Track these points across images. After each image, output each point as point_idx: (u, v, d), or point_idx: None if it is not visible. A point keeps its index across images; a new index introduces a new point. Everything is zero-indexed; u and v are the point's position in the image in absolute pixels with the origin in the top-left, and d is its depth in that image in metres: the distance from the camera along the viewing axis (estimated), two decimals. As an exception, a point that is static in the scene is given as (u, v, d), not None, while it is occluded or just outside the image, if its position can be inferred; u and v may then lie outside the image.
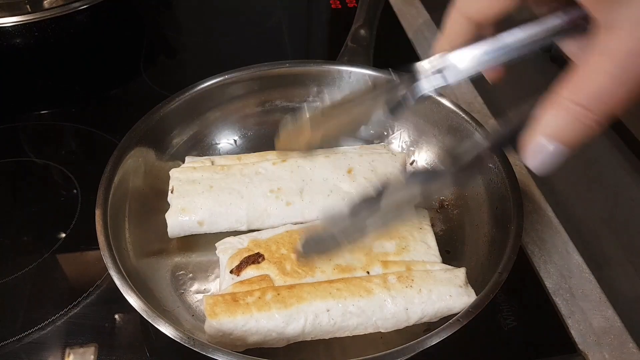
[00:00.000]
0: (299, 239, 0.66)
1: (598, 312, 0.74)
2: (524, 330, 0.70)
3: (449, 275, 0.64)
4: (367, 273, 0.65)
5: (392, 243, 0.68)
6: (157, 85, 1.06)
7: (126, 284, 0.60)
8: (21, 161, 0.92)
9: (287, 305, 0.60)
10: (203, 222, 0.72)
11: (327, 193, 0.74)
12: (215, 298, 0.61)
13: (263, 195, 0.73)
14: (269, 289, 0.62)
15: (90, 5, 0.98)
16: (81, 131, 0.97)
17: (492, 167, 0.75)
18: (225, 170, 0.76)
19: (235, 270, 0.66)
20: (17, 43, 0.97)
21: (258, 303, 0.60)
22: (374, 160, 0.78)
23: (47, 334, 0.69)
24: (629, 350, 0.70)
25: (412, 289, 0.62)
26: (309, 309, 0.60)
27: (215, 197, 0.73)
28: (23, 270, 0.75)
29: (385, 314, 0.62)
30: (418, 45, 1.20)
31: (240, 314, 0.59)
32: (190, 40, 1.23)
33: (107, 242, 0.64)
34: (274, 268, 0.65)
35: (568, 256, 0.80)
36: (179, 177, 0.75)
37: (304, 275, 0.64)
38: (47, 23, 0.95)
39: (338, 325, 0.61)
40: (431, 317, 0.63)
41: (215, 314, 0.59)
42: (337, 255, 0.66)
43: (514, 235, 0.65)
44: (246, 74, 0.86)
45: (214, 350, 0.54)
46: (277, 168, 0.76)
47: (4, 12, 0.94)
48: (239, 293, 0.62)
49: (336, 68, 0.88)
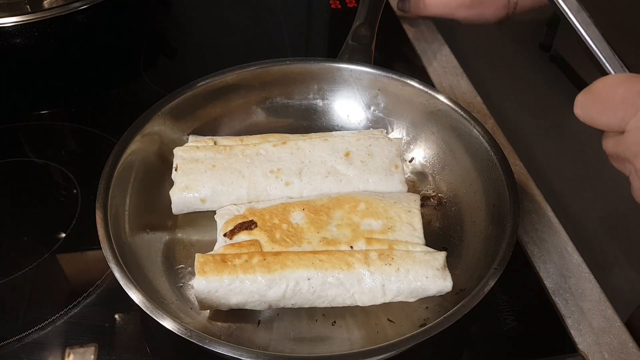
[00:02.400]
0: (291, 211, 0.71)
1: (598, 312, 0.74)
2: (524, 330, 0.70)
3: (429, 257, 0.66)
4: (351, 248, 0.68)
5: (379, 222, 0.70)
6: (157, 85, 1.06)
7: (125, 277, 0.61)
8: (21, 161, 0.92)
9: (270, 270, 0.64)
10: (205, 200, 0.75)
11: (325, 175, 0.77)
12: (206, 257, 0.65)
13: (263, 175, 0.76)
14: (256, 254, 0.66)
15: (90, 5, 0.98)
16: (81, 131, 0.97)
17: (490, 165, 0.75)
18: (227, 150, 0.79)
19: (229, 234, 0.69)
20: (17, 43, 0.97)
21: (244, 266, 0.64)
22: (371, 144, 0.80)
23: (47, 334, 0.69)
24: (628, 350, 0.70)
25: (390, 267, 0.65)
26: (291, 275, 0.64)
27: (217, 176, 0.75)
28: (23, 270, 0.75)
29: (363, 288, 0.65)
30: (418, 45, 1.20)
31: (227, 274, 0.63)
32: (190, 40, 1.23)
33: (107, 236, 0.65)
34: (264, 235, 0.68)
35: (568, 256, 0.80)
36: (183, 155, 0.77)
37: (291, 244, 0.68)
38: (47, 23, 0.95)
39: (317, 294, 0.65)
40: (407, 295, 0.66)
41: (204, 272, 0.63)
42: (325, 229, 0.69)
43: (510, 232, 0.66)
44: (247, 71, 0.87)
45: (211, 342, 0.55)
46: (278, 149, 0.79)
47: (4, 12, 0.94)
48: (228, 255, 0.65)
49: (336, 66, 0.88)
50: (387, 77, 0.87)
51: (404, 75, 0.86)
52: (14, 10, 0.94)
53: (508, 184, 0.71)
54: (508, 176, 0.72)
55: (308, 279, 0.64)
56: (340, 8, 1.29)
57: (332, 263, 0.65)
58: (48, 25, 0.96)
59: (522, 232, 0.83)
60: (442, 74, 1.12)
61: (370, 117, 0.90)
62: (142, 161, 0.77)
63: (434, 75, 1.11)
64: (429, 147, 0.86)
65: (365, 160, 0.78)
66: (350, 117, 0.91)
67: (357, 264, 0.65)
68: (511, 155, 0.94)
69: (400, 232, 0.70)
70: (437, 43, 1.21)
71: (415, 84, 0.85)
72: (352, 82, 0.89)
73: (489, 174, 0.75)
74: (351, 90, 0.90)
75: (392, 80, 0.86)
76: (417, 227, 0.71)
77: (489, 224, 0.72)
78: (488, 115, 1.02)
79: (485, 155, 0.76)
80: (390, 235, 0.69)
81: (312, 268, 0.64)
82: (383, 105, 0.89)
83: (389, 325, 0.67)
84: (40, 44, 1.00)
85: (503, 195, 0.71)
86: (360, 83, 0.89)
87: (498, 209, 0.71)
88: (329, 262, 0.65)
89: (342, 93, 0.91)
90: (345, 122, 0.91)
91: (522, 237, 0.82)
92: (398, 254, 0.66)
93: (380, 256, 0.66)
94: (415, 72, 1.11)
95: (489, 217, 0.73)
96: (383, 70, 0.87)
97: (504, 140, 0.97)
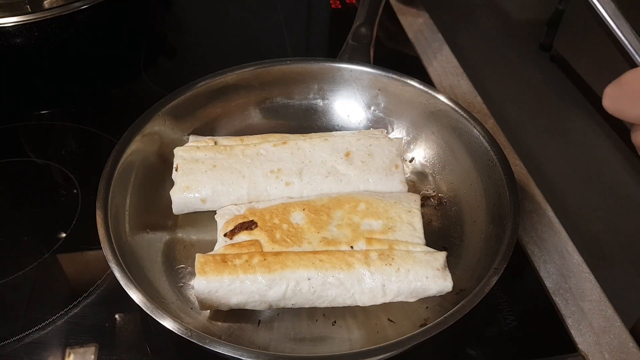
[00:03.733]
0: (292, 211, 0.71)
1: (598, 312, 0.74)
2: (524, 330, 0.70)
3: (429, 257, 0.66)
4: (351, 248, 0.68)
5: (380, 222, 0.71)
6: (157, 85, 1.07)
7: (125, 277, 0.61)
8: (21, 161, 0.92)
9: (271, 270, 0.64)
10: (206, 200, 0.75)
11: (325, 175, 0.77)
12: (206, 257, 0.65)
13: (264, 175, 0.76)
14: (257, 254, 0.66)
15: (90, 5, 0.98)
16: (81, 131, 0.97)
17: (490, 165, 0.75)
18: (227, 150, 0.79)
19: (229, 234, 0.69)
20: (17, 43, 0.97)
21: (244, 266, 0.64)
22: (371, 144, 0.80)
23: (47, 334, 0.69)
24: (629, 350, 0.70)
25: (390, 267, 0.65)
26: (291, 275, 0.64)
27: (217, 176, 0.76)
28: (23, 270, 0.75)
29: (363, 288, 0.65)
30: (418, 45, 1.20)
31: (227, 274, 0.63)
32: (190, 40, 1.23)
33: (107, 236, 0.65)
34: (264, 235, 0.69)
35: (568, 256, 0.80)
36: (183, 155, 0.77)
37: (292, 244, 0.68)
38: (47, 23, 0.95)
39: (317, 294, 0.65)
40: (407, 296, 0.66)
41: (204, 272, 0.63)
42: (325, 229, 0.69)
43: (510, 231, 0.66)
44: (247, 71, 0.87)
45: (211, 342, 0.55)
46: (278, 149, 0.79)
47: (4, 12, 0.94)
48: (229, 255, 0.66)
49: (336, 65, 0.89)
50: (387, 77, 0.87)
51: (404, 75, 0.86)
52: (14, 10, 0.95)
53: (508, 184, 0.71)
54: (508, 176, 0.72)
55: (308, 279, 0.64)
56: (341, 8, 1.29)
57: (332, 263, 0.65)
58: (48, 25, 0.96)
59: (522, 232, 0.83)
60: (442, 74, 1.12)
61: (370, 117, 0.90)
62: (142, 161, 0.77)
63: (434, 75, 1.11)
64: (429, 147, 0.86)
65: (365, 160, 0.79)
66: (350, 117, 0.91)
67: (358, 264, 0.65)
68: (511, 155, 0.94)
69: (400, 232, 0.70)
70: (437, 43, 1.21)
71: (416, 84, 0.85)
72: (353, 82, 0.89)
73: (489, 173, 0.75)
74: (351, 90, 0.90)
75: (393, 80, 0.86)
76: (418, 227, 0.71)
77: (489, 224, 0.72)
78: (488, 115, 1.02)
79: (486, 155, 0.76)
80: (391, 235, 0.69)
81: (312, 268, 0.64)
82: (383, 105, 0.89)
83: (389, 325, 0.67)
84: (41, 44, 1.00)
85: (503, 195, 0.71)
86: (361, 83, 0.89)
87: (498, 209, 0.71)
88: (329, 262, 0.65)
89: (342, 93, 0.91)
90: (346, 122, 0.91)
91: (522, 237, 0.82)
92: (398, 254, 0.66)
93: (380, 256, 0.66)
94: (416, 72, 1.11)
95: (489, 217, 0.73)
96: (383, 70, 0.87)
97: (504, 140, 0.97)
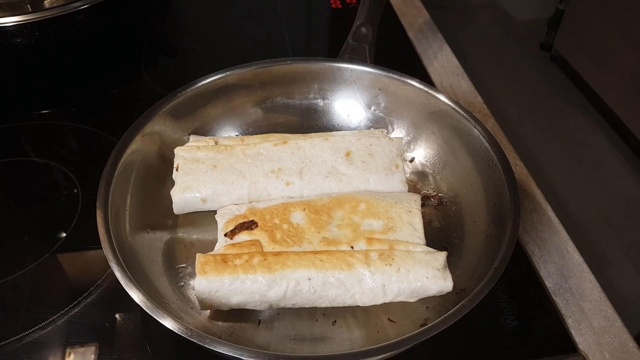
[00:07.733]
0: (292, 211, 0.71)
1: (598, 312, 0.74)
2: (524, 330, 0.70)
3: (429, 257, 0.67)
4: (352, 248, 0.68)
5: (380, 222, 0.71)
6: (157, 85, 1.07)
7: (126, 276, 0.61)
8: (21, 161, 0.92)
9: (271, 271, 0.64)
10: (206, 200, 0.75)
11: (326, 174, 0.77)
12: (207, 257, 0.65)
13: (264, 175, 0.77)
14: (257, 254, 0.66)
15: (90, 5, 0.98)
16: (81, 131, 0.97)
17: (490, 165, 0.75)
18: (228, 150, 0.79)
19: (230, 234, 0.69)
20: (18, 43, 0.97)
21: (245, 266, 0.64)
22: (371, 144, 0.80)
23: (47, 334, 0.69)
24: (629, 350, 0.70)
25: (391, 267, 0.65)
26: (292, 275, 0.64)
27: (218, 176, 0.76)
28: (23, 270, 0.75)
29: (363, 288, 0.65)
30: (418, 45, 1.20)
31: (228, 274, 0.63)
32: (190, 40, 1.23)
33: (108, 235, 0.65)
34: (265, 235, 0.69)
35: (568, 256, 0.80)
36: (184, 155, 0.78)
37: (292, 244, 0.68)
38: (47, 23, 0.95)
39: (318, 294, 0.65)
40: (407, 295, 0.66)
41: (205, 272, 0.64)
42: (326, 229, 0.69)
43: (510, 231, 0.66)
44: (247, 71, 0.87)
45: (211, 342, 0.55)
46: (279, 149, 0.79)
47: (4, 12, 0.94)
48: (229, 255, 0.66)
49: (337, 65, 0.89)
50: (388, 77, 0.87)
51: (404, 75, 0.86)
52: (14, 10, 0.95)
53: (508, 184, 0.71)
54: (508, 176, 0.72)
55: (309, 279, 0.64)
56: (341, 8, 1.29)
57: (332, 263, 0.65)
58: (49, 25, 0.96)
59: (522, 232, 0.83)
60: (442, 74, 1.12)
61: (370, 117, 0.90)
62: (142, 161, 0.77)
63: (435, 75, 1.11)
64: (429, 147, 0.86)
65: (365, 160, 0.79)
66: (350, 117, 0.91)
67: (358, 264, 0.65)
68: (511, 155, 0.94)
69: (400, 232, 0.70)
70: (437, 43, 1.21)
71: (416, 83, 0.85)
72: (353, 81, 0.89)
73: (489, 173, 0.75)
74: (352, 90, 0.90)
75: (393, 80, 0.86)
76: (418, 227, 0.71)
77: (490, 224, 0.72)
78: (488, 115, 1.02)
79: (486, 155, 0.76)
80: (391, 235, 0.69)
81: (312, 268, 0.64)
82: (383, 105, 0.89)
83: (389, 325, 0.67)
84: (41, 43, 1.00)
85: (503, 195, 0.71)
86: (361, 83, 0.89)
87: (498, 209, 0.71)
88: (329, 262, 0.65)
89: (342, 93, 0.91)
90: (346, 122, 0.92)
91: (523, 237, 0.82)
92: (398, 254, 0.66)
93: (380, 256, 0.66)
94: (416, 71, 1.11)
95: (490, 217, 0.73)
96: (383, 70, 0.87)
97: (505, 140, 0.97)
